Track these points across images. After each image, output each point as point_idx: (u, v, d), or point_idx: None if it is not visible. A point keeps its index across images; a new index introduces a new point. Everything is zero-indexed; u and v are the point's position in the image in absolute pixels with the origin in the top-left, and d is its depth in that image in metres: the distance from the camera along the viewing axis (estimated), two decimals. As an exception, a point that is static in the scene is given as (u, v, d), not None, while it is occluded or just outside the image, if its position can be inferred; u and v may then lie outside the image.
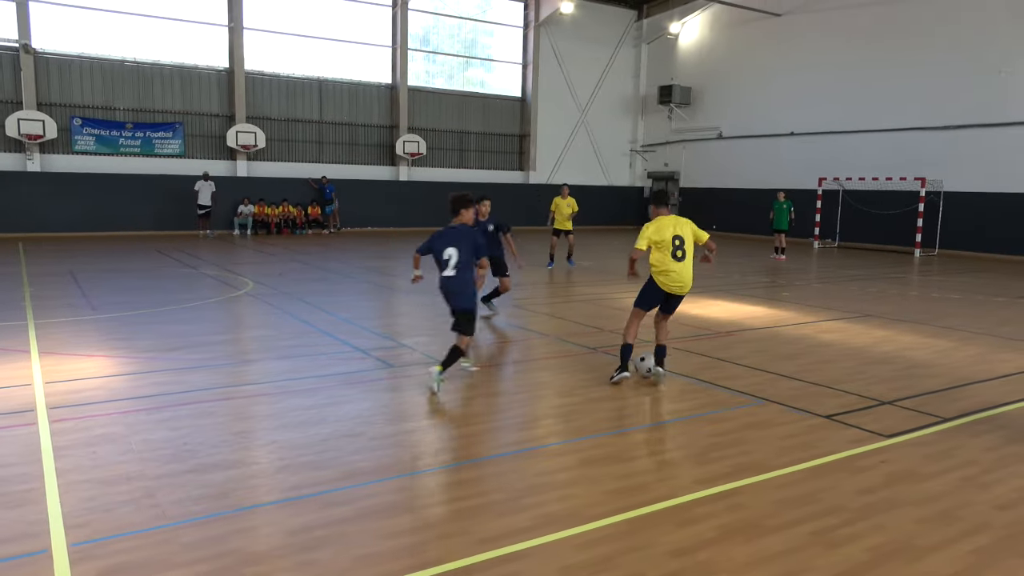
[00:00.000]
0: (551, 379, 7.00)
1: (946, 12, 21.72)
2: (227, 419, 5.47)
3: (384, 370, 6.99)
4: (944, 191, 21.88)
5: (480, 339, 8.65)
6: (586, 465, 4.78)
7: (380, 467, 4.60)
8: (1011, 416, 5.98)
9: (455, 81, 29.23)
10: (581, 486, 4.42)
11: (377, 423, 5.45)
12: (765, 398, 6.32)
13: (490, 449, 5.00)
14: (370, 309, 10.89)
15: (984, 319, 10.75)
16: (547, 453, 4.96)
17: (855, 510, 4.11)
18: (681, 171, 31.46)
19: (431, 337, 8.69)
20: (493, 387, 6.63)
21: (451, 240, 6.34)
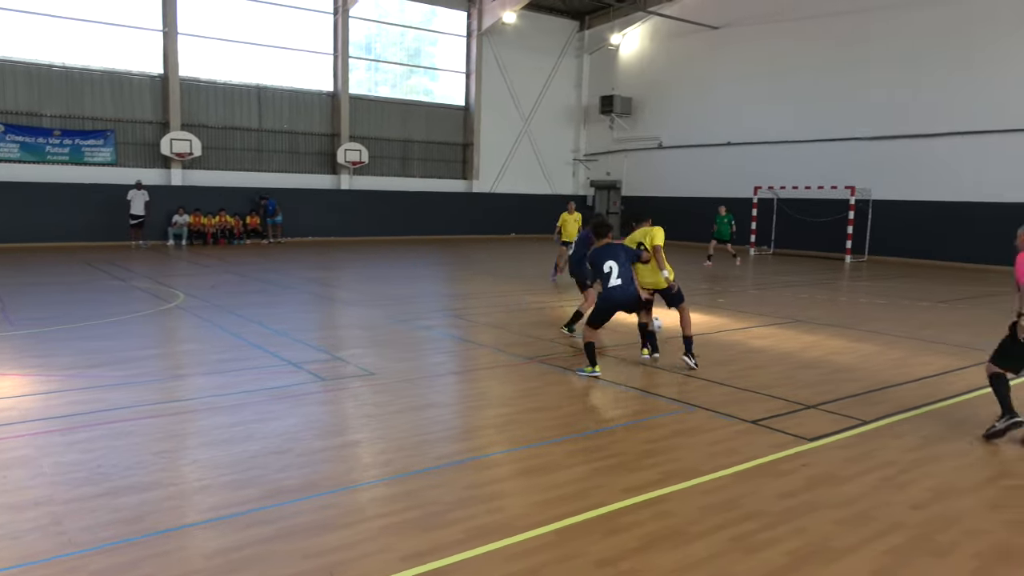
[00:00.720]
0: (487, 390, 6.99)
1: (871, 30, 22.59)
2: (146, 439, 5.28)
3: (316, 384, 6.87)
4: (872, 199, 22.70)
5: (419, 351, 8.59)
6: (518, 476, 4.78)
7: (307, 484, 4.51)
8: (928, 417, 6.20)
9: (398, 89, 29.09)
10: (512, 497, 4.42)
11: (306, 439, 5.34)
12: (696, 404, 6.42)
13: (421, 463, 4.94)
14: (307, 321, 10.71)
15: (907, 323, 11.16)
16: (479, 465, 4.94)
17: (776, 514, 4.20)
18: (623, 180, 31.90)
19: (367, 349, 8.60)
20: (428, 399, 6.58)
21: (611, 254, 7.42)
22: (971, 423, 6.03)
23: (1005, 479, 4.84)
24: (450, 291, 14.72)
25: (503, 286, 14.80)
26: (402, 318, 10.63)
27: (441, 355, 8.45)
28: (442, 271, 18.58)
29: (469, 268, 19.07)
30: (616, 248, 7.51)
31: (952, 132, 20.92)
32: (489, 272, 17.77)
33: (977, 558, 3.74)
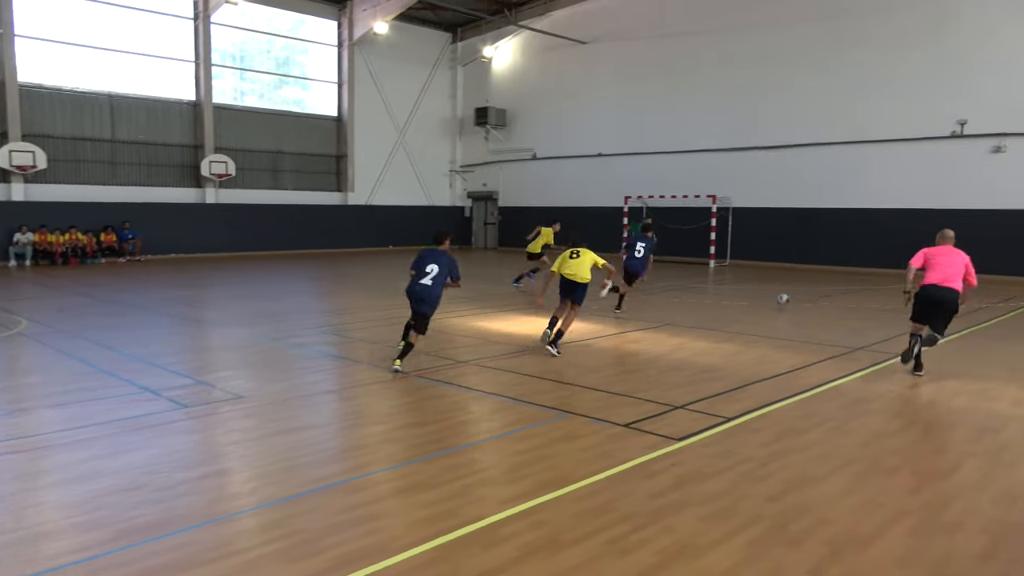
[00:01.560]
0: (362, 408, 6.82)
1: (730, 48, 24.02)
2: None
3: (177, 411, 6.46)
4: (733, 207, 24.09)
5: (291, 371, 8.27)
6: (395, 495, 4.67)
7: (164, 521, 4.21)
8: (782, 412, 6.60)
9: (268, 99, 28.12)
10: (388, 518, 4.31)
11: (164, 472, 5.00)
12: (571, 411, 6.54)
13: (291, 489, 4.74)
14: (168, 344, 10.06)
15: (765, 323, 11.88)
16: (353, 487, 4.79)
17: (647, 515, 4.33)
18: (500, 190, 32.26)
19: (235, 371, 8.20)
20: (300, 421, 6.33)
21: (433, 258, 8.26)
22: (821, 415, 6.47)
23: (852, 466, 5.21)
24: (325, 307, 14.32)
25: (380, 300, 14.55)
26: (274, 337, 10.22)
27: (315, 374, 8.18)
28: (317, 286, 18.06)
29: (345, 282, 18.64)
30: (443, 256, 8.34)
31: (800, 144, 22.57)
32: (366, 286, 17.45)
33: (828, 544, 3.99)
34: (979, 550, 3.91)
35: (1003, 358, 9.17)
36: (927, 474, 5.06)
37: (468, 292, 16.51)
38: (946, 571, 3.71)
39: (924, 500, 4.61)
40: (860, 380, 7.88)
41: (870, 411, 6.65)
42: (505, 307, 13.48)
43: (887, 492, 4.74)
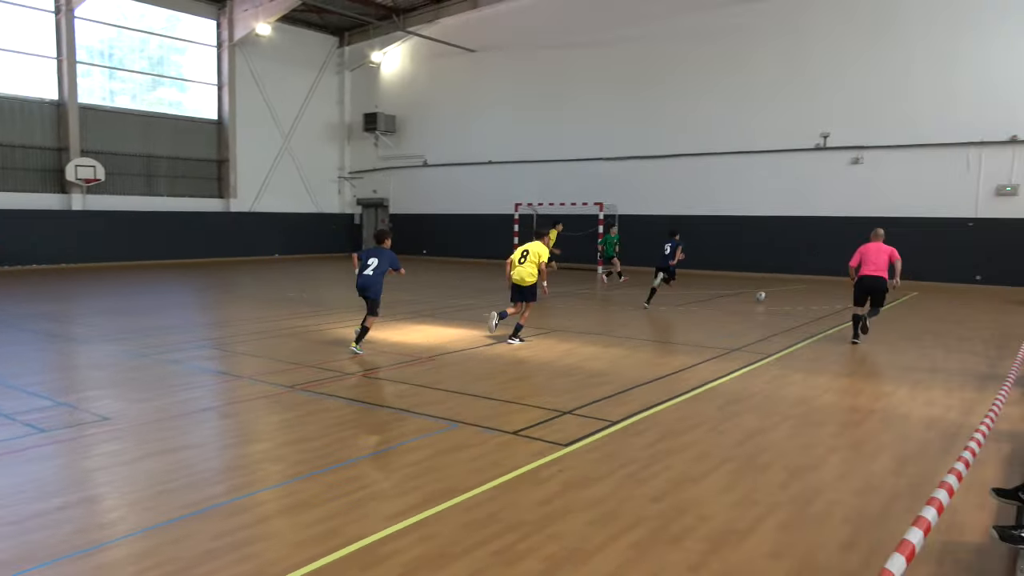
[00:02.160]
0: (242, 426, 6.53)
1: (613, 61, 24.77)
2: None
3: (34, 436, 5.96)
4: (619, 214, 24.81)
5: (166, 388, 7.81)
6: (274, 517, 4.48)
7: (15, 559, 3.86)
8: (665, 413, 6.82)
9: (141, 100, 26.61)
10: (264, 542, 4.12)
11: (16, 504, 4.59)
12: (461, 421, 6.50)
13: (162, 515, 4.45)
14: (25, 364, 9.27)
15: (650, 327, 12.28)
16: (230, 510, 4.56)
17: (533, 522, 4.35)
18: (390, 197, 31.89)
19: (102, 391, 7.66)
20: (173, 442, 5.98)
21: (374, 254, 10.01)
22: (700, 416, 6.73)
23: (728, 464, 5.44)
24: (206, 319, 13.65)
25: (265, 311, 14.03)
26: (147, 353, 9.64)
27: (192, 391, 7.76)
28: (197, 298, 17.21)
29: (228, 293, 17.86)
30: (383, 252, 10.05)
31: (681, 154, 23.55)
32: (250, 296, 16.78)
33: (707, 541, 4.14)
34: (843, 540, 4.16)
35: (862, 356, 9.86)
36: (796, 469, 5.35)
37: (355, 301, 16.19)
38: (814, 561, 3.92)
39: (793, 494, 4.86)
40: (736, 380, 8.26)
41: (745, 410, 6.97)
42: (394, 317, 13.30)
43: (760, 488, 4.97)
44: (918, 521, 1.99)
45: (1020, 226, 18.53)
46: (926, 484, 5.05)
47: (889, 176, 20.33)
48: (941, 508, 2.12)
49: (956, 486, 2.38)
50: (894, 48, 19.92)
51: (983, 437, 3.15)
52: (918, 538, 1.91)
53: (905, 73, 19.81)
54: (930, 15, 19.39)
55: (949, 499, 2.27)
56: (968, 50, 18.92)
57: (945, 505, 2.18)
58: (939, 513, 2.09)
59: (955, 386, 8.09)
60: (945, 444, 5.97)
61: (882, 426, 6.50)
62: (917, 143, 19.80)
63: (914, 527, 1.96)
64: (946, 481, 2.35)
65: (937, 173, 19.64)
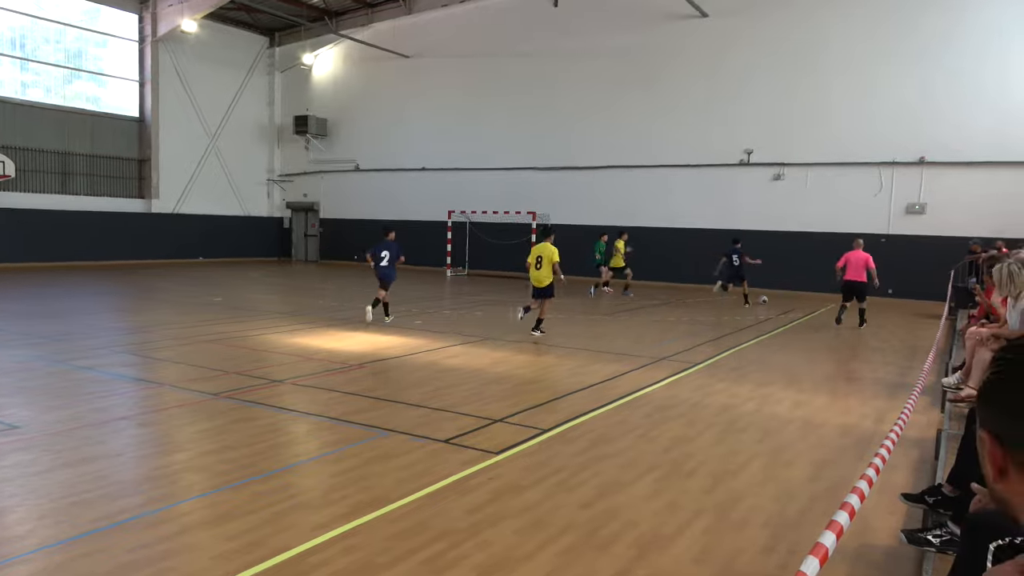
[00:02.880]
0: (161, 435, 6.29)
1: (541, 70, 25.05)
2: None
3: (-68, 447, 5.59)
4: (551, 223, 25.03)
5: (79, 396, 7.45)
6: (195, 529, 4.33)
7: (-93, 578, 3.61)
8: (595, 420, 6.92)
9: (56, 95, 25.40)
10: (185, 555, 3.98)
11: (-90, 519, 4.30)
12: (391, 429, 6.43)
13: (74, 529, 4.24)
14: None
15: (581, 335, 12.43)
16: (148, 522, 4.38)
17: (462, 531, 4.33)
18: (321, 202, 31.36)
19: (8, 398, 7.26)
20: (86, 452, 5.70)
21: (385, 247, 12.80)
22: (629, 423, 6.85)
23: (655, 471, 5.54)
24: (123, 324, 13.10)
25: (187, 316, 13.56)
26: (59, 359, 9.19)
27: (107, 399, 7.42)
28: (114, 301, 16.51)
29: (148, 297, 17.21)
30: (391, 244, 12.82)
31: (611, 165, 23.98)
32: (171, 301, 16.21)
33: (634, 546, 4.21)
34: (763, 544, 4.30)
35: (783, 366, 10.22)
36: (720, 475, 5.50)
37: (286, 307, 15.86)
38: (735, 565, 4.03)
39: (717, 500, 5.00)
40: (663, 388, 8.44)
41: (672, 417, 7.13)
42: (324, 322, 13.07)
43: (685, 494, 5.09)
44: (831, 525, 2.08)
45: (928, 242, 19.59)
46: (841, 489, 5.26)
47: (808, 192, 21.19)
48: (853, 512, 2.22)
49: (867, 491, 2.50)
50: (815, 70, 20.80)
51: (892, 444, 3.31)
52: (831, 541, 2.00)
53: (825, 95, 20.71)
54: (849, 42, 20.34)
55: (861, 504, 2.38)
56: (884, 76, 19.92)
57: (857, 510, 2.29)
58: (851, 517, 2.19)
59: (869, 395, 8.48)
60: (859, 451, 6.24)
61: (800, 433, 6.75)
62: (835, 161, 20.71)
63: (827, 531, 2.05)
64: (858, 487, 2.46)
65: (853, 190, 20.59)
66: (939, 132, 19.35)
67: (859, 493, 2.36)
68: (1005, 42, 18.57)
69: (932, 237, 19.60)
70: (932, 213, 19.73)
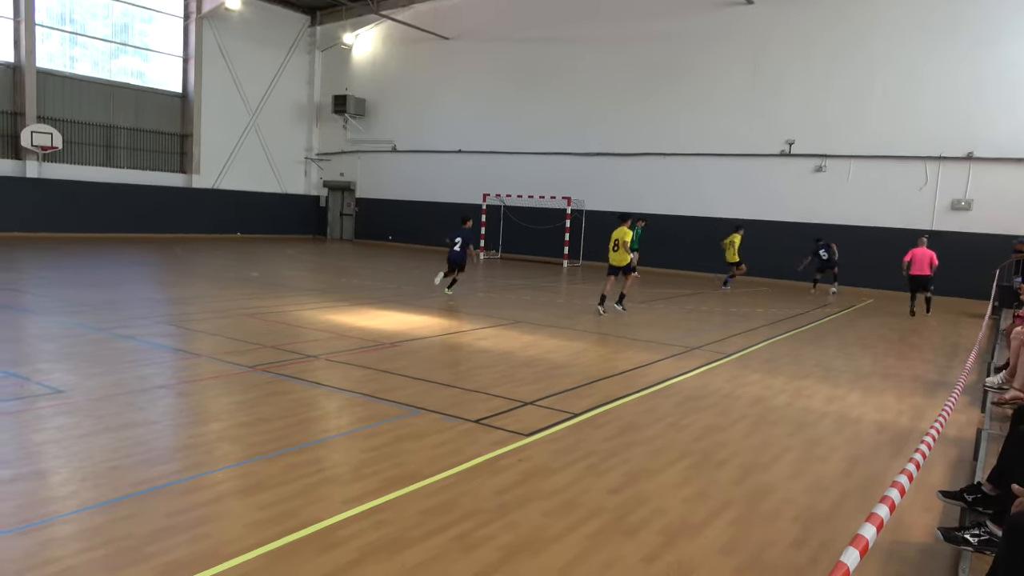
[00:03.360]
0: (198, 404, 6.42)
1: (581, 55, 24.82)
2: None
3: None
4: (586, 209, 24.93)
5: (121, 364, 7.64)
6: (229, 497, 4.42)
7: (-43, 531, 3.75)
8: (625, 407, 6.90)
9: (103, 68, 25.85)
10: (218, 522, 4.07)
11: (-40, 475, 4.45)
12: (423, 407, 6.49)
13: (114, 492, 4.36)
14: (-26, 332, 9.00)
15: (612, 322, 12.38)
16: (184, 488, 4.49)
17: (491, 511, 4.36)
18: (357, 181, 31.57)
19: (54, 364, 7.45)
20: (127, 418, 5.85)
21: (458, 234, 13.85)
22: (660, 411, 6.82)
23: (685, 459, 5.52)
24: (163, 296, 13.38)
25: (225, 290, 13.80)
26: (102, 327, 9.42)
27: (147, 367, 7.60)
28: (154, 273, 16.85)
29: (187, 270, 17.53)
30: (465, 231, 13.86)
31: (647, 153, 23.72)
32: (209, 275, 16.49)
33: (662, 533, 4.20)
34: (793, 537, 4.25)
35: (817, 360, 10.07)
36: (750, 467, 5.45)
37: (319, 284, 16.05)
38: (764, 557, 4.00)
39: (747, 491, 4.96)
40: (695, 378, 8.38)
41: (703, 407, 7.08)
42: (358, 301, 13.19)
43: (715, 484, 5.06)
44: (871, 517, 2.05)
45: (972, 240, 19.09)
46: (875, 485, 5.19)
47: (851, 185, 20.76)
48: (893, 506, 2.18)
49: (907, 486, 2.46)
50: (860, 61, 20.30)
51: (933, 440, 3.25)
52: (871, 533, 1.97)
53: (869, 86, 20.21)
54: (896, 32, 19.80)
55: (900, 498, 2.34)
56: (932, 68, 19.38)
57: (897, 504, 2.25)
58: (891, 511, 2.16)
59: (906, 392, 8.32)
60: (895, 448, 6.14)
61: (835, 428, 6.65)
62: (879, 154, 20.24)
63: (867, 523, 2.02)
64: (898, 481, 2.42)
65: (897, 184, 20.12)
66: (988, 127, 18.79)
67: (899, 487, 2.32)
68: (1063, 34, 17.93)
69: (977, 234, 19.09)
70: (978, 210, 19.21)
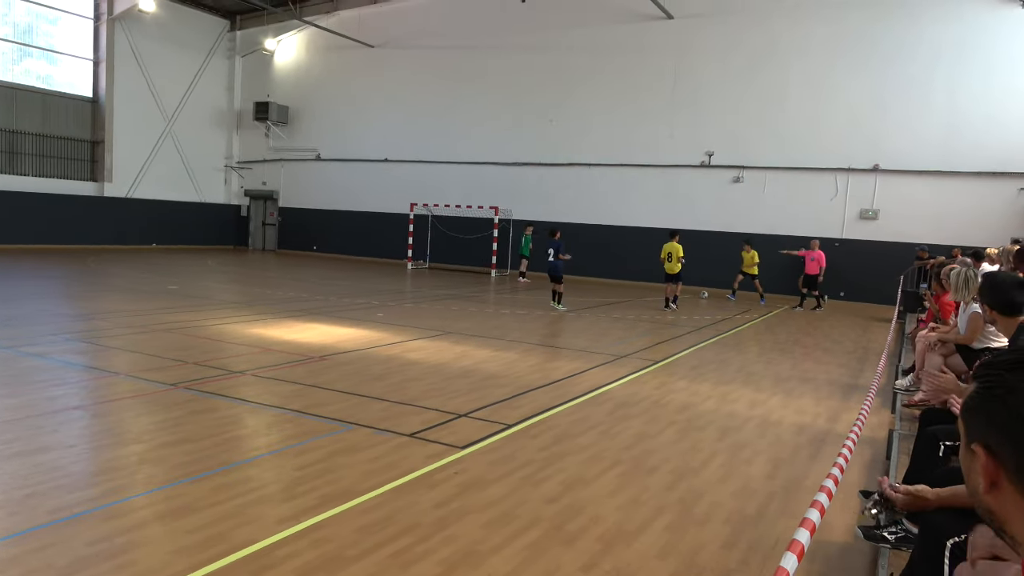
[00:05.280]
0: (116, 425, 6.13)
1: (507, 65, 25.03)
2: None
3: None
4: (513, 219, 25.09)
5: (28, 384, 7.23)
6: (154, 522, 4.24)
7: None
8: (558, 416, 6.97)
9: (4, 71, 24.48)
10: (143, 548, 3.90)
11: None
12: (354, 422, 6.39)
13: (29, 520, 4.12)
14: None
15: (540, 331, 12.50)
16: (105, 515, 4.28)
17: (429, 525, 4.33)
18: (280, 190, 30.87)
19: None
20: (39, 442, 5.54)
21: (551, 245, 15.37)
22: (592, 420, 6.92)
23: (617, 467, 5.61)
24: (73, 311, 12.73)
25: (140, 304, 13.25)
26: (6, 344, 8.89)
27: (58, 387, 7.22)
28: (63, 287, 16.02)
29: (99, 283, 16.75)
30: (556, 242, 15.36)
31: (575, 163, 24.09)
32: (124, 287, 15.81)
33: (600, 541, 4.26)
34: (724, 540, 4.39)
35: (740, 365, 10.42)
36: (681, 472, 5.59)
37: (242, 296, 15.61)
38: (697, 560, 4.11)
39: (678, 496, 5.08)
40: (625, 385, 8.54)
41: (633, 415, 7.23)
42: (284, 313, 12.89)
43: (648, 490, 5.17)
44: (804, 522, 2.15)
45: (880, 248, 20.14)
46: (796, 487, 5.41)
47: (767, 195, 21.60)
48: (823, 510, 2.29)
49: (834, 489, 2.58)
50: (773, 75, 21.18)
51: (854, 444, 3.41)
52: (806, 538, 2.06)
53: (782, 100, 21.11)
54: (806, 49, 20.76)
55: (829, 502, 2.45)
56: (840, 83, 20.40)
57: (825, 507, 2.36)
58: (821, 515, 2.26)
59: (823, 395, 8.70)
60: (814, 450, 6.41)
61: (758, 432, 6.90)
62: (792, 166, 21.15)
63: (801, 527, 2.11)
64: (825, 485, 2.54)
65: (810, 195, 21.05)
66: (892, 140, 19.90)
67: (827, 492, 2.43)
68: (955, 56, 19.18)
69: (884, 243, 20.16)
70: (884, 219, 20.29)
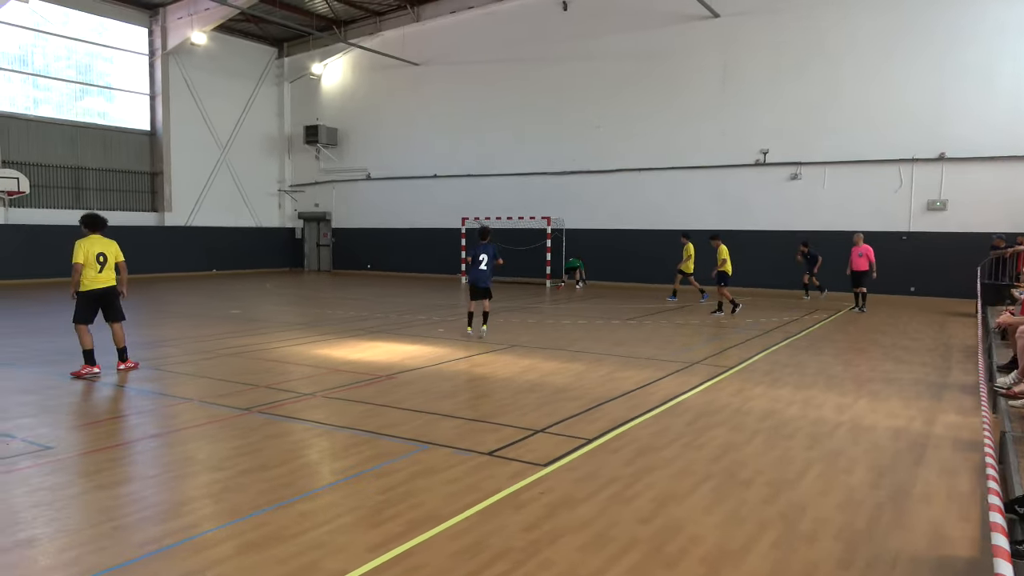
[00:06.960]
0: (194, 453, 6.11)
1: (551, 74, 24.91)
2: None
3: None
4: (566, 228, 24.89)
5: (106, 413, 7.31)
6: (244, 552, 4.15)
7: (-48, 611, 3.45)
8: (637, 429, 6.72)
9: (67, 110, 25.40)
10: (236, 580, 3.80)
11: (-50, 547, 4.14)
12: (430, 441, 6.26)
13: (119, 555, 4.08)
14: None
15: (604, 341, 12.23)
16: (192, 547, 4.21)
17: (522, 549, 4.14)
18: (332, 211, 31.28)
19: (36, 418, 7.10)
20: (121, 473, 5.55)
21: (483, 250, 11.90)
22: (673, 431, 6.65)
23: (709, 481, 5.34)
24: (140, 338, 12.94)
25: (205, 329, 13.44)
26: (82, 375, 9.04)
27: (134, 416, 7.28)
28: (129, 315, 16.32)
29: (164, 310, 17.11)
30: (488, 247, 11.97)
31: (627, 169, 23.78)
32: (188, 314, 16.10)
33: (703, 563, 4.01)
34: (838, 557, 4.09)
35: (818, 367, 9.99)
36: (777, 484, 5.29)
37: (303, 318, 15.73)
38: (813, 580, 3.83)
39: (779, 511, 4.79)
40: (700, 394, 8.24)
41: (715, 424, 6.93)
42: (346, 333, 12.91)
43: (745, 505, 4.89)
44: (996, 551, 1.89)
45: (949, 239, 19.32)
46: (906, 496, 5.06)
47: (826, 191, 20.96)
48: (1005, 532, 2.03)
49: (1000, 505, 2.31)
50: (827, 68, 20.58)
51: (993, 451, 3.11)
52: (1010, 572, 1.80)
53: (838, 93, 20.48)
54: (862, 40, 20.13)
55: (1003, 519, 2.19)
56: (899, 72, 19.70)
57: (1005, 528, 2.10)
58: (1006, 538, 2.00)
59: (911, 396, 8.25)
60: (915, 455, 6.03)
61: (851, 437, 6.53)
62: (852, 159, 20.48)
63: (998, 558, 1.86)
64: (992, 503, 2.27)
65: (872, 188, 20.34)
66: (956, 128, 19.12)
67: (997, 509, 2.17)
68: (1019, 36, 18.35)
69: (953, 233, 19.33)
70: (953, 209, 19.47)
